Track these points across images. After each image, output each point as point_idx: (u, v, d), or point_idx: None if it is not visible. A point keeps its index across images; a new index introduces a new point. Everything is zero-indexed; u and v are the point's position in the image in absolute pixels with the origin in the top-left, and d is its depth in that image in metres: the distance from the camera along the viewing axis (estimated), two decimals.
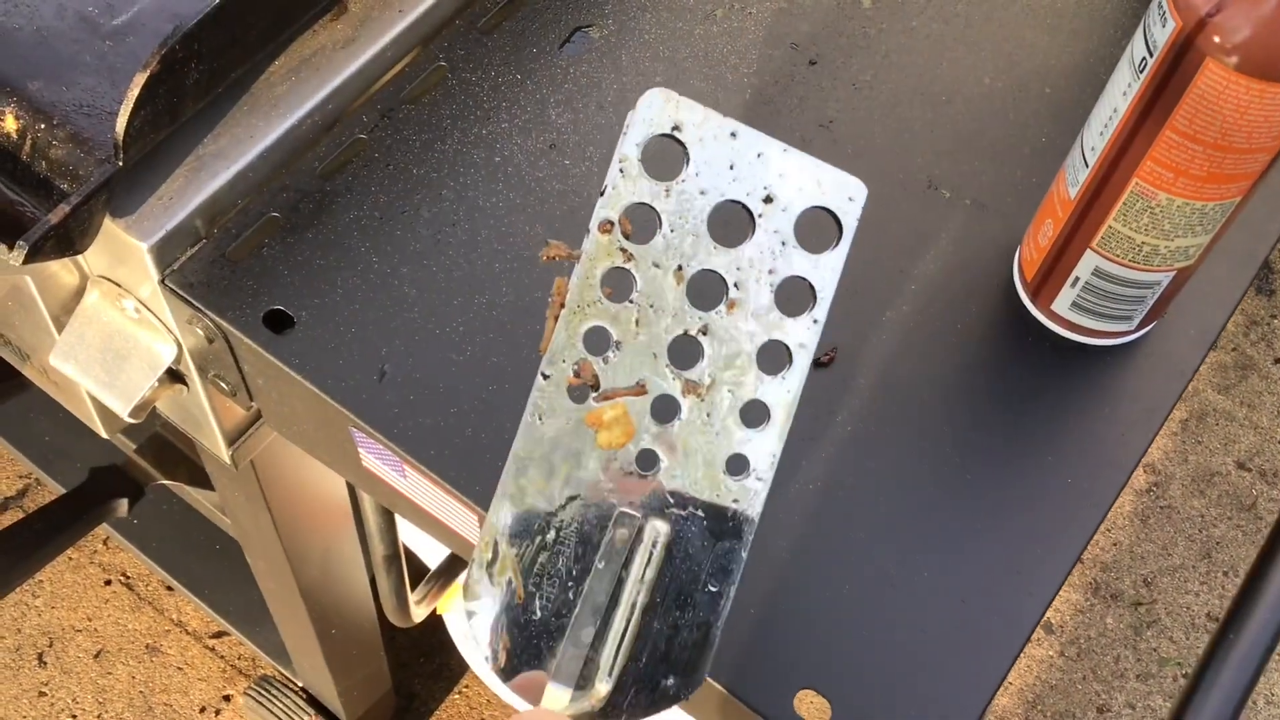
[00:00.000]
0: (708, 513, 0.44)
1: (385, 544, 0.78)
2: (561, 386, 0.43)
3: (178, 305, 0.57)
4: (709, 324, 0.43)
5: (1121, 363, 0.58)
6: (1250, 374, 1.58)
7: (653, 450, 0.44)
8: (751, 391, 0.43)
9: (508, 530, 0.44)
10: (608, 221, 0.43)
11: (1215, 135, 0.47)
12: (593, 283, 0.43)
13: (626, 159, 0.43)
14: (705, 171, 0.43)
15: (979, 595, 0.52)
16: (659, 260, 0.43)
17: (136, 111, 0.52)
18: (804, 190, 0.43)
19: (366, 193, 0.59)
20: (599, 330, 0.43)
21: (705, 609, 0.43)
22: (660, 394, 0.44)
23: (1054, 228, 0.55)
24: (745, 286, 0.43)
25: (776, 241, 0.43)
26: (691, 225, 0.43)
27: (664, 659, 0.43)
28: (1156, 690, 1.37)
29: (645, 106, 0.42)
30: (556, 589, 0.43)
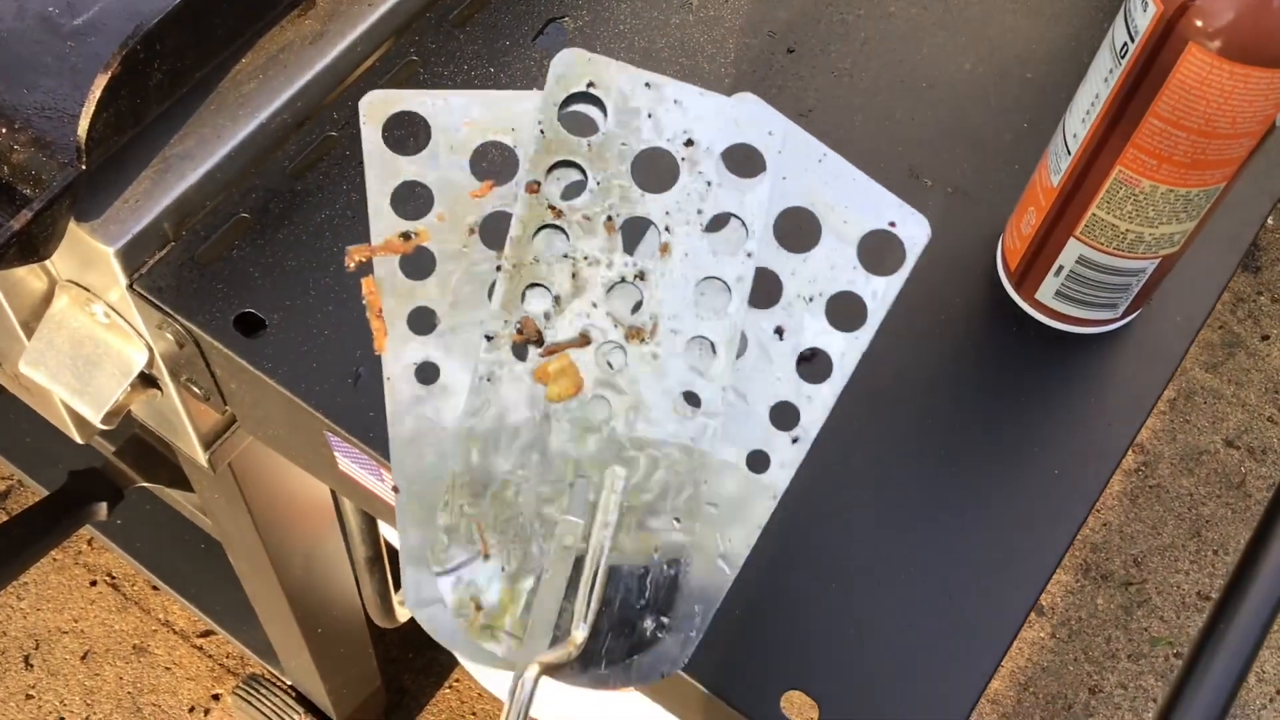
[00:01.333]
0: (666, 451, 0.45)
1: (367, 545, 0.78)
2: (505, 346, 0.45)
3: (147, 310, 0.56)
4: (645, 269, 0.45)
5: (1107, 351, 0.57)
6: (1237, 351, 1.58)
7: (604, 397, 0.45)
8: (694, 329, 0.44)
9: (469, 492, 0.44)
10: (534, 182, 0.44)
11: (1198, 121, 0.46)
12: (526, 243, 0.44)
13: (545, 119, 0.44)
14: (624, 123, 0.44)
15: (967, 589, 0.52)
16: (588, 213, 0.44)
17: (99, 114, 0.51)
18: (723, 130, 0.44)
19: (338, 191, 0.58)
20: (538, 287, 0.45)
21: (671, 549, 0.44)
22: (604, 341, 0.45)
23: (1037, 216, 0.54)
24: (676, 229, 0.44)
25: (702, 183, 0.44)
26: (617, 176, 0.44)
27: (637, 600, 0.44)
28: (1148, 670, 1.37)
29: (559, 66, 0.44)
30: (522, 543, 0.44)
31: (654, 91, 0.44)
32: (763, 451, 0.45)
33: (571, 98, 0.44)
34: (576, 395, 0.44)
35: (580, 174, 0.44)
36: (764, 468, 0.45)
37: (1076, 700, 1.35)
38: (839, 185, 0.44)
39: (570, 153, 0.44)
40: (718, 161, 0.44)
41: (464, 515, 0.44)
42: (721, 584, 0.45)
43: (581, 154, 0.44)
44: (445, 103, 0.44)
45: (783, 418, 0.45)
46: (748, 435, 0.44)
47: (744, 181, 0.44)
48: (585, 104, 0.44)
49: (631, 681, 0.44)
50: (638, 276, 0.44)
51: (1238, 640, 0.53)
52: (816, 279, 0.44)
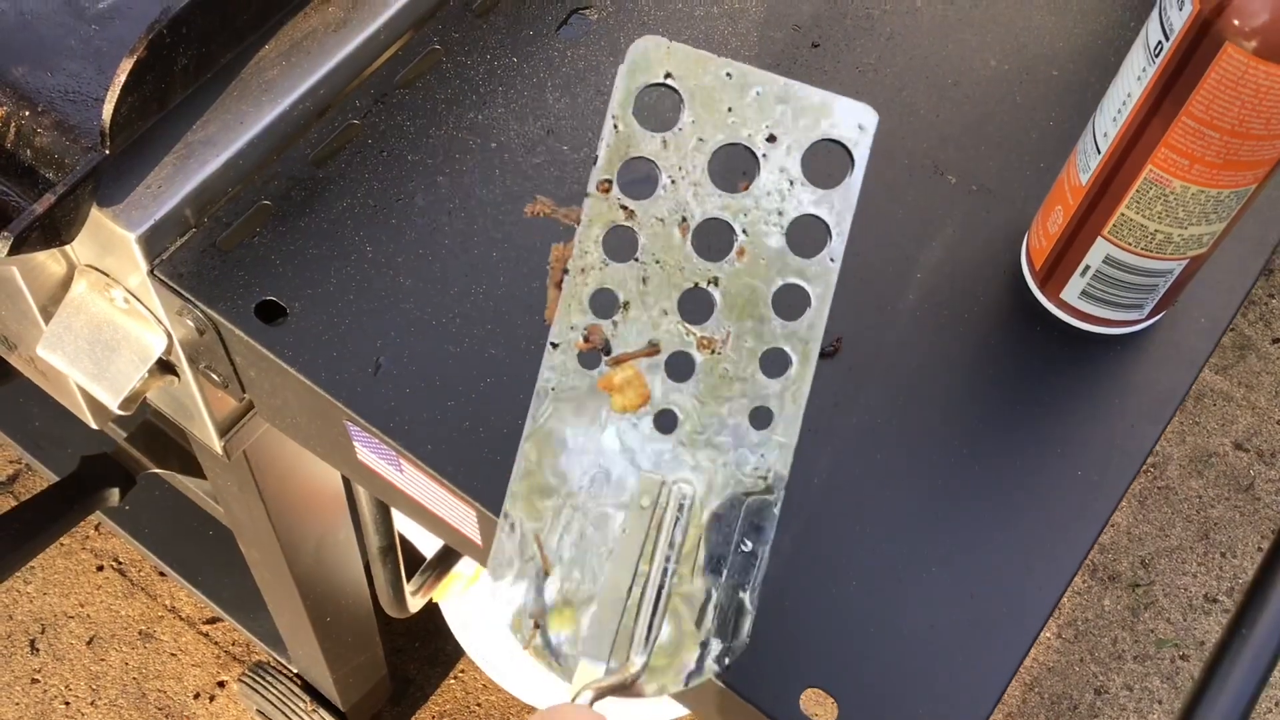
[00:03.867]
0: (735, 470, 0.42)
1: (381, 536, 0.77)
2: (571, 353, 0.42)
3: (167, 296, 0.56)
4: (719, 275, 0.42)
5: (1131, 352, 0.57)
6: (1248, 354, 1.57)
7: (671, 410, 0.42)
8: (770, 341, 0.42)
9: (529, 505, 0.42)
10: (605, 181, 0.41)
11: (1232, 121, 0.46)
12: (595, 244, 0.42)
13: (619, 114, 0.41)
14: (702, 117, 0.41)
15: (988, 589, 0.51)
16: (661, 214, 0.42)
17: (123, 98, 0.51)
18: (809, 125, 0.41)
19: (360, 180, 0.58)
20: (606, 293, 0.42)
21: (740, 570, 0.42)
22: (674, 351, 0.42)
23: (1064, 215, 0.54)
24: (754, 232, 0.41)
25: (784, 181, 0.41)
26: (692, 174, 0.41)
27: (699, 626, 0.41)
28: (1154, 672, 1.37)
29: (635, 56, 0.41)
30: (583, 561, 0.42)
31: (736, 82, 0.41)
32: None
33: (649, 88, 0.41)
34: (643, 407, 0.42)
35: (655, 172, 0.42)
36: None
37: (1082, 701, 1.35)
38: None
39: (644, 150, 0.41)
40: (800, 159, 0.41)
41: (525, 527, 0.42)
42: None
43: (656, 151, 0.41)
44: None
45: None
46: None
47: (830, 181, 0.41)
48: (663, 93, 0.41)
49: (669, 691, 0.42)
50: (712, 283, 0.42)
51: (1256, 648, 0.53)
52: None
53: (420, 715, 1.29)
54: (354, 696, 1.16)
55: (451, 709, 1.29)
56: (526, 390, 0.43)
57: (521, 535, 0.42)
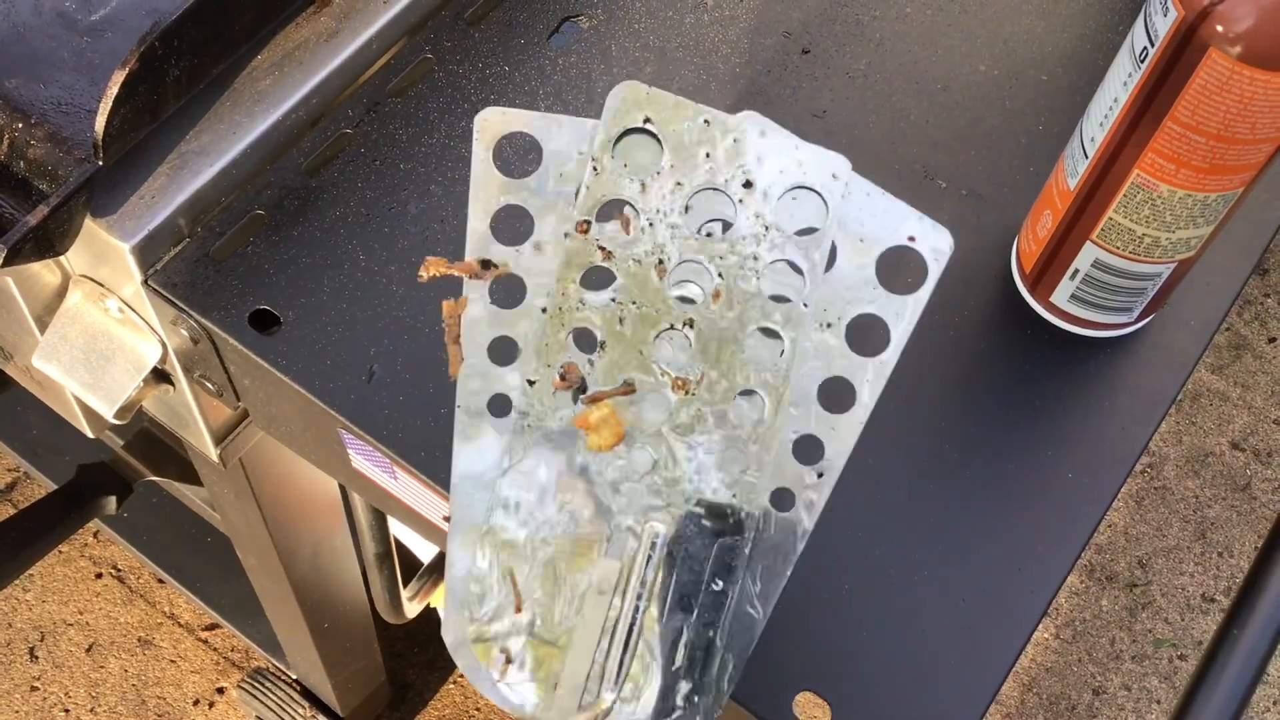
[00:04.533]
0: (707, 510, 0.43)
1: (377, 542, 0.78)
2: (548, 391, 0.43)
3: (161, 305, 0.56)
4: (694, 317, 0.42)
5: (1121, 355, 0.57)
6: (1244, 354, 1.58)
7: (646, 449, 0.43)
8: (742, 384, 0.42)
9: (502, 542, 0.43)
10: (584, 222, 0.42)
11: (1218, 126, 0.46)
12: (573, 285, 0.42)
13: (598, 157, 0.42)
14: (680, 162, 0.42)
15: (980, 592, 0.52)
16: (639, 256, 0.42)
17: (116, 110, 0.51)
18: (785, 171, 0.42)
19: (353, 188, 0.58)
20: (583, 332, 0.43)
21: (710, 609, 0.43)
22: (649, 392, 0.43)
23: (1053, 219, 0.54)
24: (730, 275, 0.42)
25: (759, 226, 0.42)
26: (670, 217, 0.42)
27: (671, 665, 0.42)
28: (1152, 671, 1.37)
29: (615, 101, 0.42)
30: (555, 598, 0.42)
31: (713, 129, 0.42)
32: (787, 489, 0.43)
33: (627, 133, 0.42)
34: (617, 446, 0.43)
35: (633, 214, 0.42)
36: (789, 506, 0.43)
37: (1080, 701, 1.35)
38: (855, 201, 0.42)
39: (622, 192, 0.42)
40: (776, 205, 0.42)
41: (498, 564, 0.42)
42: (753, 629, 0.43)
43: (635, 194, 0.42)
44: (559, 128, 0.42)
45: (806, 452, 0.43)
46: (771, 471, 0.43)
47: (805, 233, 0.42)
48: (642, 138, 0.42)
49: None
50: (686, 324, 0.42)
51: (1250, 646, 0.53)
52: (834, 302, 0.42)
53: None
54: (353, 702, 1.16)
55: (451, 714, 1.30)
56: None
57: (494, 571, 0.42)
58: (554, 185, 0.42)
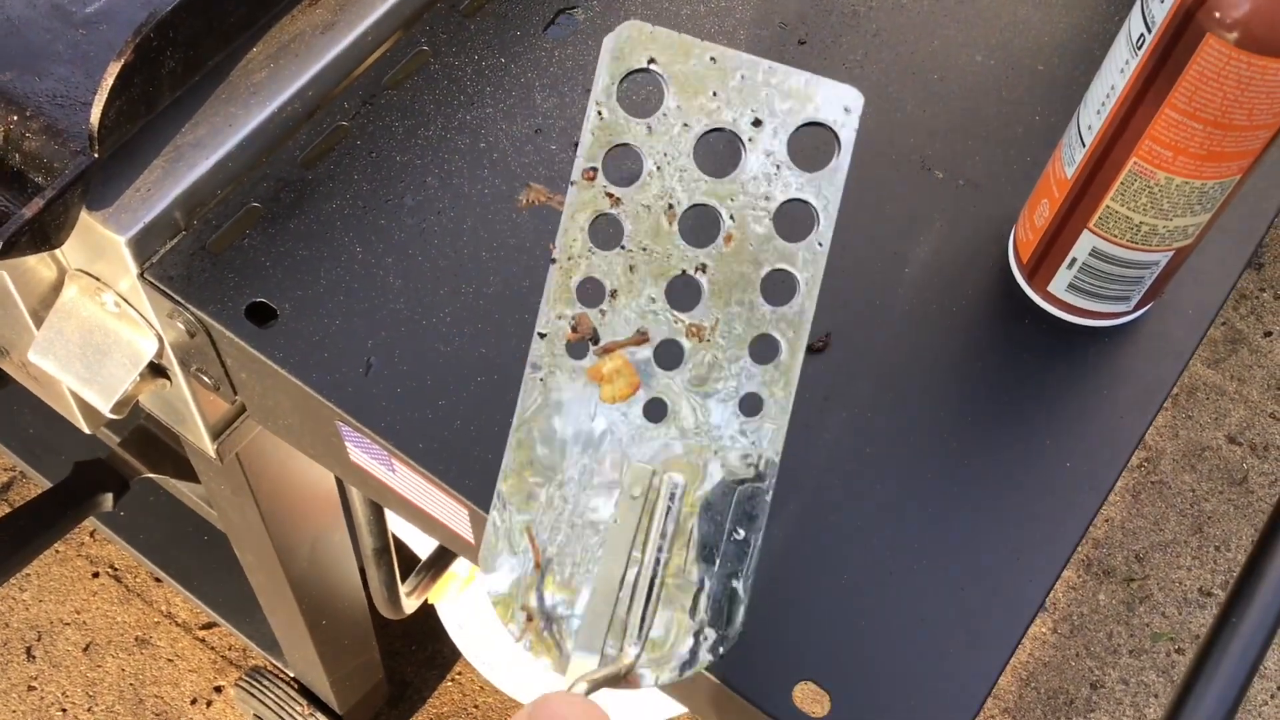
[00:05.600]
0: (725, 458, 0.42)
1: (374, 537, 0.77)
2: (560, 343, 0.42)
3: (158, 299, 0.56)
4: (707, 262, 0.41)
5: (1119, 344, 0.57)
6: (1240, 348, 1.58)
7: (661, 399, 0.42)
8: (758, 327, 0.41)
9: (519, 497, 0.42)
10: (590, 168, 0.41)
11: (1215, 113, 0.46)
12: (581, 232, 0.41)
13: (602, 101, 0.41)
14: (687, 102, 0.41)
15: (978, 582, 0.52)
16: (647, 201, 0.41)
17: (111, 102, 0.51)
18: (794, 108, 0.41)
19: (349, 181, 0.58)
20: (593, 281, 0.42)
21: (733, 559, 0.42)
22: (663, 340, 0.42)
23: (1050, 208, 0.54)
24: (741, 217, 0.41)
25: (770, 165, 0.41)
26: (678, 160, 0.41)
27: (693, 615, 0.41)
28: (1149, 665, 1.37)
29: (617, 42, 0.41)
30: (574, 552, 0.41)
31: (719, 67, 0.40)
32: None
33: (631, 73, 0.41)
34: (633, 395, 0.42)
35: (639, 159, 0.42)
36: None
37: (1078, 695, 1.35)
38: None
39: (628, 135, 0.41)
40: (786, 143, 0.41)
41: (515, 520, 0.42)
42: None
43: (640, 137, 0.41)
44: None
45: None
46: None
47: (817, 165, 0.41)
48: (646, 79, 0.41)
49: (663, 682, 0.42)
50: (699, 269, 0.41)
51: (1247, 637, 0.53)
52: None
53: (418, 718, 1.29)
54: (351, 700, 1.16)
55: (449, 711, 1.30)
56: (517, 388, 0.43)
57: (512, 527, 0.42)
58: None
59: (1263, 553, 0.55)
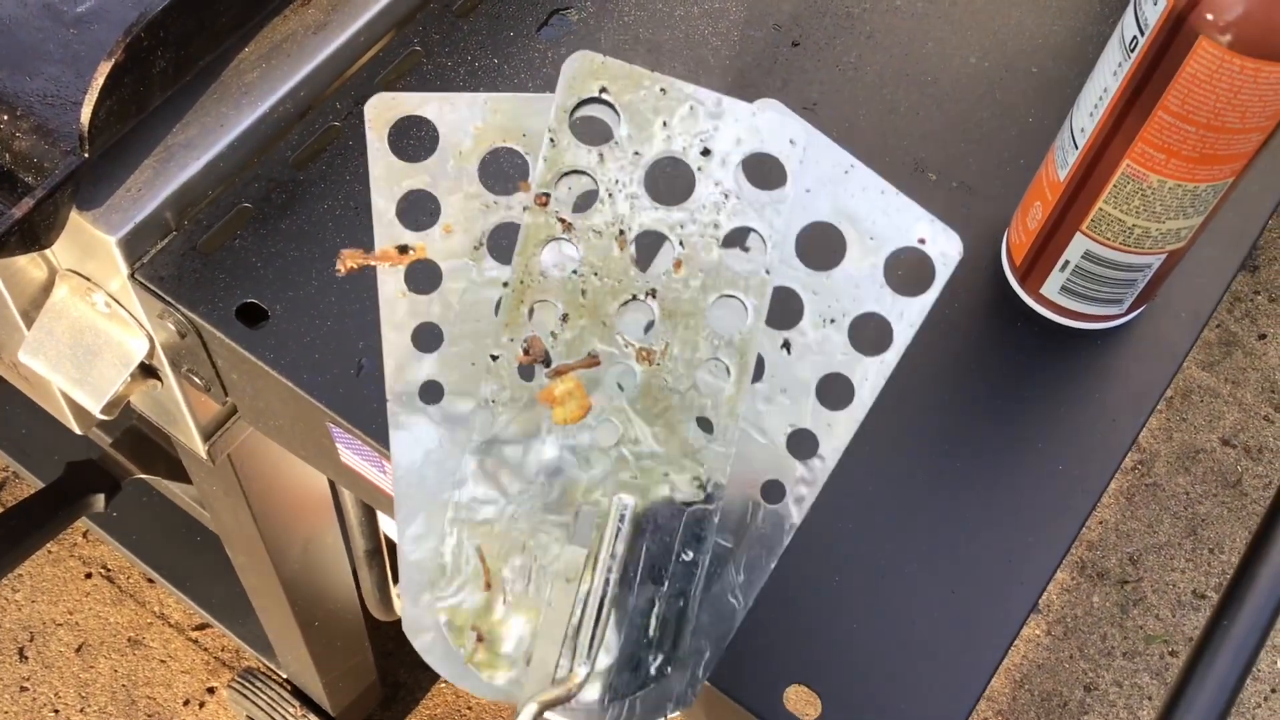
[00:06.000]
0: (674, 480, 0.42)
1: (366, 538, 0.77)
2: (511, 366, 0.42)
3: (148, 299, 0.56)
4: (656, 287, 0.42)
5: (1112, 346, 0.57)
6: (1234, 350, 1.58)
7: (612, 422, 0.42)
8: (707, 353, 0.42)
9: (472, 520, 0.42)
10: (543, 194, 0.42)
11: (1208, 115, 0.46)
12: (533, 257, 0.42)
13: (555, 128, 0.41)
14: (638, 131, 0.42)
15: (969, 585, 0.51)
16: (599, 227, 0.42)
17: (102, 101, 0.51)
18: (742, 139, 0.41)
19: (341, 182, 0.58)
20: (545, 305, 0.42)
21: (681, 579, 0.42)
22: (614, 364, 0.42)
23: (1043, 210, 0.54)
24: (691, 244, 0.42)
25: (719, 194, 0.42)
26: (629, 188, 0.42)
27: (643, 636, 0.42)
28: (1143, 668, 1.37)
29: (569, 71, 0.41)
30: (525, 574, 0.42)
31: (670, 97, 0.42)
32: (778, 481, 0.43)
33: (583, 103, 0.42)
34: (584, 419, 0.42)
35: (591, 184, 0.42)
36: (779, 498, 0.43)
37: (1072, 698, 1.35)
38: (866, 199, 0.41)
39: (580, 163, 0.42)
40: (736, 172, 0.42)
41: (465, 541, 0.42)
42: (732, 619, 0.43)
43: (593, 165, 0.42)
44: (452, 107, 0.42)
45: (800, 446, 0.42)
46: (763, 463, 0.42)
47: (763, 194, 0.42)
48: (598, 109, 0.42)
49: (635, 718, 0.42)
50: (649, 294, 0.42)
51: (1239, 640, 0.53)
52: (840, 299, 0.41)
53: (411, 719, 1.29)
54: (344, 701, 1.16)
55: (442, 713, 1.29)
56: None
57: (463, 550, 0.42)
58: (454, 165, 0.42)
59: (1255, 555, 0.55)
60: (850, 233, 0.41)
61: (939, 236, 0.41)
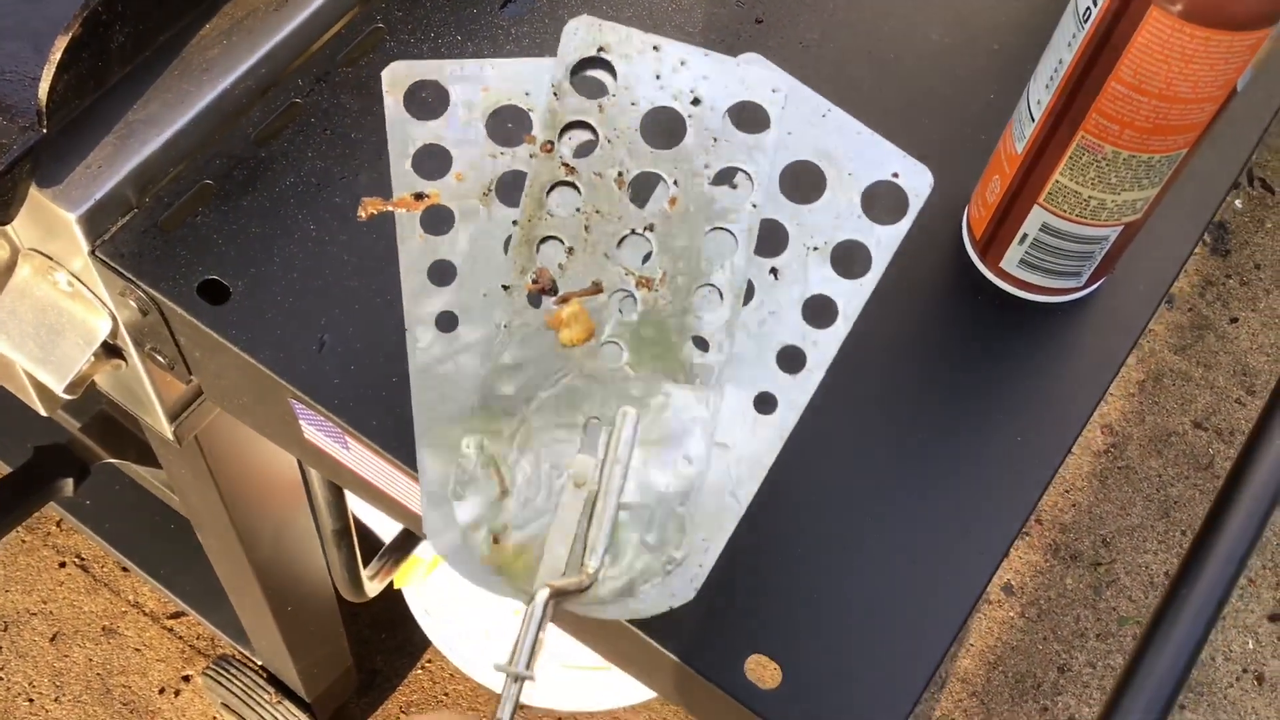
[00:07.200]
0: (674, 396, 0.46)
1: (334, 518, 0.77)
2: (522, 294, 0.46)
3: (110, 277, 0.55)
4: (654, 222, 0.46)
5: (1071, 320, 0.58)
6: (1206, 334, 1.59)
7: (615, 342, 0.46)
8: (701, 278, 0.46)
9: (487, 429, 0.46)
10: (548, 142, 0.46)
11: (1160, 85, 0.46)
12: (540, 199, 0.46)
13: (559, 83, 0.46)
14: (633, 84, 0.46)
15: (930, 555, 0.52)
16: (599, 170, 0.46)
17: (59, 76, 0.51)
18: (729, 88, 0.46)
19: (303, 158, 0.58)
20: (552, 240, 0.47)
21: (682, 483, 0.46)
22: (616, 290, 0.46)
23: (1001, 184, 0.54)
24: (684, 183, 0.46)
25: (708, 139, 0.46)
26: (626, 135, 0.46)
27: (648, 535, 0.45)
28: (1116, 649, 1.38)
29: (571, 33, 0.46)
30: (538, 482, 0.46)
31: (661, 54, 0.46)
32: (769, 393, 0.46)
33: (583, 62, 0.46)
34: (589, 340, 0.46)
35: (592, 135, 0.46)
36: (771, 409, 0.46)
37: (1045, 679, 1.36)
38: (843, 138, 0.45)
39: (582, 113, 0.46)
40: (723, 118, 0.46)
41: (482, 453, 0.46)
42: (731, 517, 0.46)
43: (593, 115, 0.46)
44: (462, 70, 0.46)
45: (789, 362, 0.46)
46: (756, 379, 0.46)
47: (749, 138, 0.46)
48: (596, 68, 0.46)
49: (641, 611, 0.45)
50: (647, 229, 0.46)
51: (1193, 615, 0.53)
52: (821, 229, 0.45)
53: (388, 705, 1.29)
54: (319, 687, 1.16)
55: (419, 699, 1.29)
56: None
57: (481, 458, 0.46)
58: (463, 121, 0.46)
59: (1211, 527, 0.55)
60: (829, 169, 0.46)
61: (910, 171, 0.45)
